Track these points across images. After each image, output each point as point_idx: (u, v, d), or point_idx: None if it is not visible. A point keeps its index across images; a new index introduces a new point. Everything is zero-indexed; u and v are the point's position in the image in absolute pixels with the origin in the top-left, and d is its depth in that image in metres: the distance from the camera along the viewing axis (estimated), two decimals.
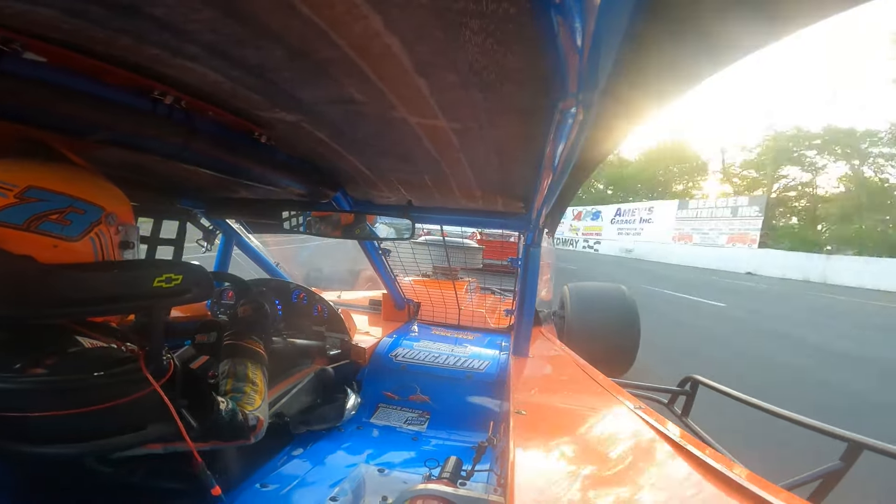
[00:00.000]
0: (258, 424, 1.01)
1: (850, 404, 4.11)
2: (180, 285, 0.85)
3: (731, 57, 0.45)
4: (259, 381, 1.08)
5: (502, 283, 3.25)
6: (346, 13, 0.47)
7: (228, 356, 1.09)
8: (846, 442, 1.19)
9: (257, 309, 1.26)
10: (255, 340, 1.15)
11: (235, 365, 1.07)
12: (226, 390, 1.02)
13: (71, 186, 0.80)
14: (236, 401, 1.00)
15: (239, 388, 1.03)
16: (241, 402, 1.00)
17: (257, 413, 1.02)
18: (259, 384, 1.07)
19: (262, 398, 1.05)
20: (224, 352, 1.11)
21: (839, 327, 8.15)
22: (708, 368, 4.09)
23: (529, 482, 0.73)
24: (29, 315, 0.73)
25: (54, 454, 0.74)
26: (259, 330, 1.20)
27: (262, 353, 1.14)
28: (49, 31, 0.55)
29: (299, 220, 1.58)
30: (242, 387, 1.04)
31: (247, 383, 1.05)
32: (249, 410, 1.00)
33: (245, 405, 1.00)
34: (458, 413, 1.74)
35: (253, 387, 1.05)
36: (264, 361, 1.13)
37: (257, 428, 1.00)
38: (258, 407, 1.03)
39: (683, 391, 1.85)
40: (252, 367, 1.08)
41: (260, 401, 1.04)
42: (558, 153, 0.72)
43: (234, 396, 1.01)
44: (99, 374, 0.73)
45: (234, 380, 1.04)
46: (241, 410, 0.98)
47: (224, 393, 1.01)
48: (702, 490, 0.73)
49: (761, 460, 1.44)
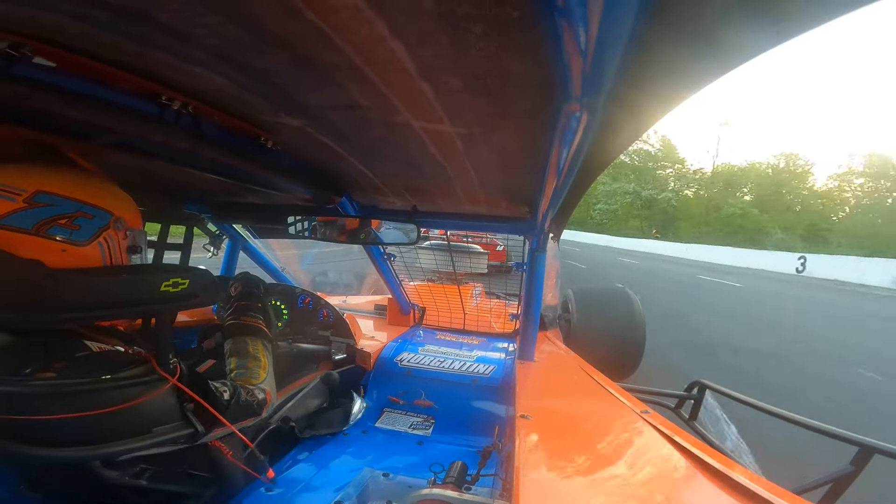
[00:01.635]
0: (266, 397, 1.02)
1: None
2: (187, 289, 0.86)
3: (736, 60, 0.45)
4: (261, 355, 1.09)
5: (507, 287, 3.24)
6: (350, 18, 0.48)
7: (230, 335, 1.11)
8: (857, 446, 1.18)
9: (246, 282, 1.28)
10: (253, 316, 1.17)
11: (236, 342, 1.09)
12: (231, 369, 1.03)
13: (80, 191, 0.81)
14: (241, 377, 1.01)
15: (242, 365, 1.04)
16: (246, 378, 1.02)
17: (263, 385, 1.03)
18: (262, 358, 1.08)
19: (266, 372, 1.07)
20: (225, 332, 1.13)
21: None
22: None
23: (535, 487, 0.72)
24: (37, 319, 0.74)
25: (63, 457, 0.75)
26: (254, 300, 1.22)
27: (261, 328, 1.15)
28: (57, 35, 0.56)
29: (305, 225, 1.59)
30: (245, 362, 1.05)
31: (249, 358, 1.06)
32: (254, 384, 1.01)
33: (249, 380, 1.02)
34: (463, 418, 1.73)
35: (255, 361, 1.06)
36: (265, 335, 1.15)
37: (266, 402, 1.02)
38: (263, 380, 1.04)
39: (691, 395, 1.84)
40: (252, 342, 1.10)
41: (264, 374, 1.06)
42: (563, 157, 0.72)
43: (238, 373, 1.02)
44: (107, 378, 0.74)
45: (237, 357, 1.06)
46: (246, 387, 0.99)
47: (229, 371, 1.03)
48: (711, 496, 0.73)
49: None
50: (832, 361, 5.43)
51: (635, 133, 0.76)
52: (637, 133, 0.76)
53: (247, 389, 0.98)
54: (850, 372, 5.02)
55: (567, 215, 1.81)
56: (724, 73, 0.48)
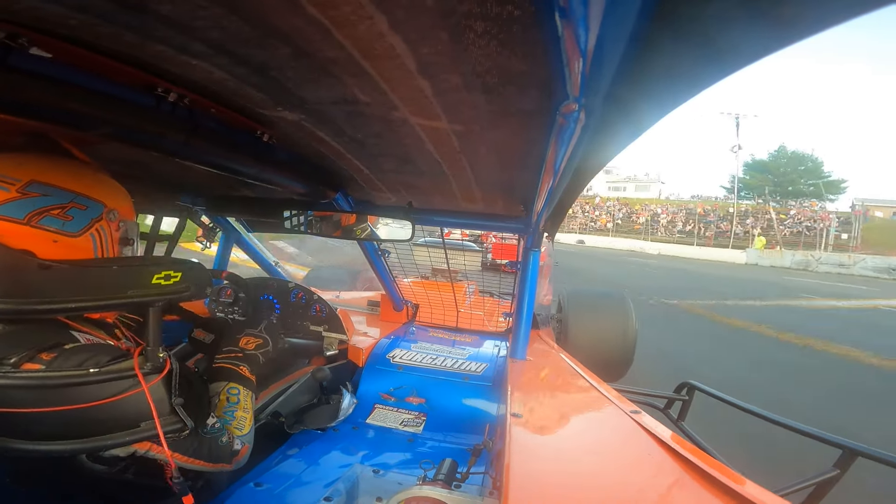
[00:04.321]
0: (242, 451, 1.01)
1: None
2: (179, 282, 0.85)
3: (737, 63, 0.45)
4: (250, 408, 1.08)
5: (501, 285, 3.25)
6: (351, 13, 0.48)
7: (224, 379, 1.09)
8: (840, 449, 1.20)
9: (263, 346, 1.24)
10: (250, 370, 1.14)
11: (230, 388, 1.07)
12: (216, 413, 1.01)
13: (73, 182, 0.80)
14: (227, 423, 1.00)
15: (231, 413, 1.03)
16: (232, 426, 1.00)
17: (244, 439, 1.02)
18: (250, 410, 1.07)
19: (250, 425, 1.06)
20: (219, 373, 1.10)
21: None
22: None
23: (524, 485, 0.73)
24: (27, 310, 0.73)
25: (48, 451, 0.74)
26: (257, 362, 1.20)
27: (253, 382, 1.13)
28: (56, 26, 0.55)
29: (300, 220, 1.58)
30: (235, 411, 1.04)
31: (239, 409, 1.05)
32: (238, 435, 1.00)
33: (234, 429, 1.00)
34: (454, 415, 1.74)
35: (244, 413, 1.05)
36: (255, 388, 1.13)
37: (240, 454, 1.00)
38: (246, 434, 1.03)
39: (680, 397, 1.86)
40: (245, 392, 1.08)
41: (248, 427, 1.05)
42: (559, 157, 0.72)
43: (225, 419, 1.00)
44: (96, 371, 0.73)
45: (227, 403, 1.04)
46: (230, 433, 0.98)
47: (215, 415, 1.00)
48: (696, 495, 0.74)
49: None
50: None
51: (632, 135, 0.76)
52: (634, 135, 0.76)
53: (229, 436, 0.97)
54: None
55: (562, 215, 1.82)
56: (723, 76, 0.48)
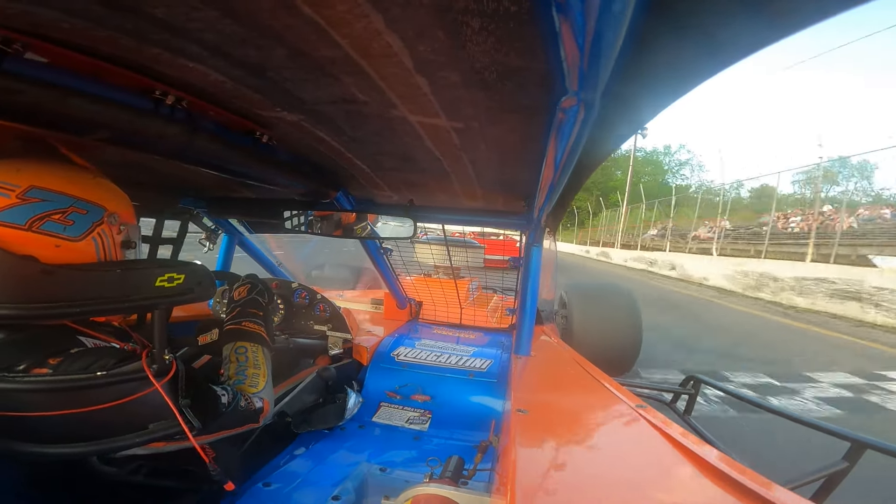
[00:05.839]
0: (264, 406, 1.01)
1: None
2: (182, 285, 0.86)
3: (733, 56, 0.45)
4: (262, 363, 1.08)
5: (504, 282, 3.25)
6: (347, 12, 0.47)
7: (230, 340, 1.09)
8: (849, 442, 1.19)
9: (253, 287, 1.26)
10: (254, 322, 1.15)
11: (237, 348, 1.07)
12: (229, 374, 1.02)
13: (73, 186, 0.80)
14: (240, 384, 1.00)
15: (242, 371, 1.03)
16: (245, 385, 1.01)
17: (262, 395, 1.02)
18: (262, 366, 1.07)
19: (265, 380, 1.06)
20: (225, 336, 1.11)
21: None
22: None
23: (531, 481, 0.73)
24: (32, 315, 0.73)
25: (58, 454, 0.74)
26: (257, 307, 1.20)
27: (262, 335, 1.13)
28: (50, 31, 0.55)
29: (301, 220, 1.58)
30: (246, 370, 1.04)
31: (249, 366, 1.05)
32: (253, 393, 1.00)
33: (248, 387, 1.01)
34: (459, 412, 1.74)
35: (256, 369, 1.05)
36: (265, 342, 1.13)
37: (264, 411, 1.01)
38: (262, 389, 1.03)
39: (686, 391, 1.85)
40: (253, 349, 1.08)
41: (263, 383, 1.05)
42: (559, 152, 0.72)
43: (237, 380, 1.01)
44: (102, 374, 0.73)
45: (237, 363, 1.04)
46: (245, 394, 0.98)
47: (228, 377, 1.02)
48: (704, 490, 0.73)
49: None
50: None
51: (631, 128, 0.76)
52: (633, 128, 0.76)
53: (245, 396, 0.97)
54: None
55: (563, 210, 1.81)
56: (721, 69, 0.48)
